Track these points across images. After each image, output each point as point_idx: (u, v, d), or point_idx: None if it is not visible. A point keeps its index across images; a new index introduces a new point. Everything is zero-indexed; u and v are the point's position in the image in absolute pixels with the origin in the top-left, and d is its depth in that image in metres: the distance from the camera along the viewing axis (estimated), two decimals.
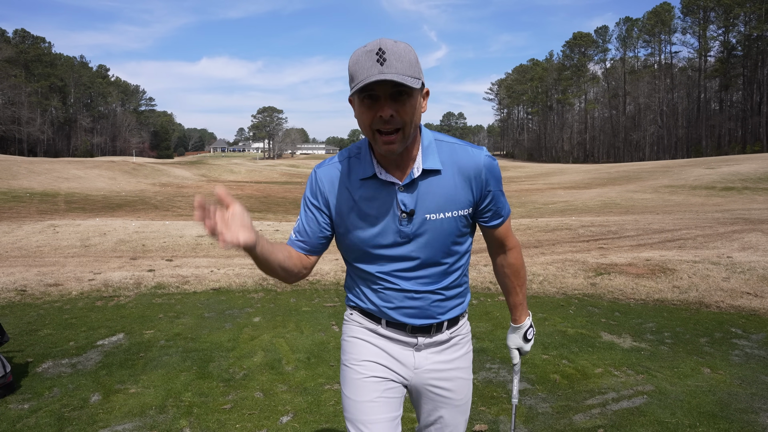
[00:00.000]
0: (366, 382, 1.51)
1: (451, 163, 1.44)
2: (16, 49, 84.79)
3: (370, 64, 1.25)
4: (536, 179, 44.07)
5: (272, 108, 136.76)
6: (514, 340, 1.79)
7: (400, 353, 1.55)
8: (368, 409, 1.49)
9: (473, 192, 1.46)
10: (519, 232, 11.38)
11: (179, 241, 10.30)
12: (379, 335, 1.56)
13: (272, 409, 3.08)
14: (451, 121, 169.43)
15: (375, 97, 1.29)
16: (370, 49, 1.27)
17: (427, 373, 1.57)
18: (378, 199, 1.43)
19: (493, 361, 3.84)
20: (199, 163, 63.36)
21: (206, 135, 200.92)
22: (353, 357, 1.56)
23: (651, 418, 2.92)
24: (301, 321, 4.85)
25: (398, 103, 1.29)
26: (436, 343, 1.57)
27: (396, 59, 1.26)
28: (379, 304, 1.51)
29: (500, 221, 1.57)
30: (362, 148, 1.47)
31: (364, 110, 1.32)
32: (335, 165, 1.49)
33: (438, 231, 1.44)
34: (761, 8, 68.79)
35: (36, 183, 29.04)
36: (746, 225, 10.95)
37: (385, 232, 1.43)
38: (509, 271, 1.67)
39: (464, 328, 1.65)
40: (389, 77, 1.23)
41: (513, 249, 1.65)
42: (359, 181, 1.44)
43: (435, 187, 1.42)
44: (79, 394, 3.29)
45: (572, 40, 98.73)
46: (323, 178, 1.48)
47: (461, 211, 1.45)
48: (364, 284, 1.53)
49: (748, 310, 5.13)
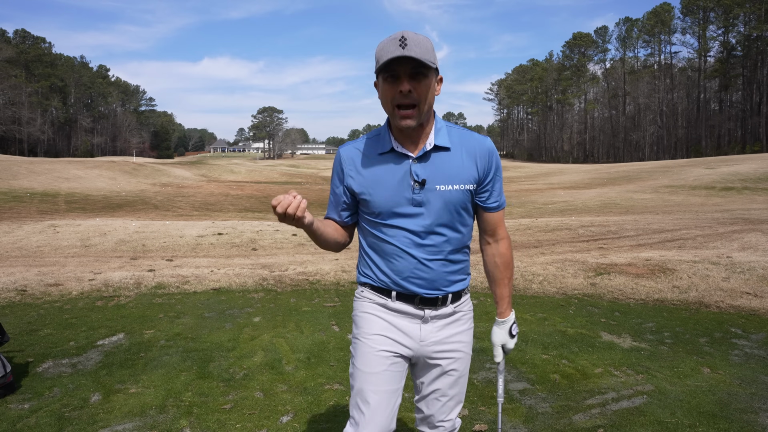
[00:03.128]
0: (375, 356, 1.66)
1: (460, 144, 1.65)
2: (17, 50, 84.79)
3: (394, 48, 1.47)
4: (536, 179, 44.06)
5: (272, 108, 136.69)
6: (499, 336, 1.83)
7: (407, 326, 1.69)
8: (374, 380, 1.65)
9: (478, 170, 1.65)
10: (519, 232, 11.38)
11: (179, 241, 10.31)
12: (389, 309, 1.69)
13: (272, 409, 3.09)
14: (451, 121, 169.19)
15: (396, 76, 1.51)
16: (394, 36, 1.49)
17: (431, 345, 1.70)
18: (394, 169, 1.62)
19: (493, 361, 3.84)
20: (200, 163, 63.36)
21: (206, 135, 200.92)
22: (364, 331, 1.70)
23: (651, 418, 2.92)
24: (301, 321, 4.86)
25: (416, 81, 1.51)
26: (441, 316, 1.70)
27: (416, 45, 1.47)
28: (391, 275, 1.67)
29: (497, 205, 1.73)
30: (381, 130, 1.68)
31: (387, 87, 1.54)
32: (356, 144, 1.71)
33: (446, 200, 1.61)
34: (761, 8, 68.77)
35: (36, 183, 29.03)
36: (746, 225, 10.95)
37: (400, 199, 1.61)
38: (500, 261, 1.78)
39: (467, 305, 1.79)
40: (409, 54, 1.45)
41: (505, 239, 1.79)
42: (378, 155, 1.64)
43: (445, 161, 1.62)
44: (79, 394, 3.29)
45: (572, 41, 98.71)
46: (345, 156, 1.69)
47: (467, 185, 1.63)
48: (378, 256, 1.69)
49: (748, 310, 5.14)
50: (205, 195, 30.47)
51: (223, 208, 23.33)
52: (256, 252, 9.33)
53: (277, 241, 10.55)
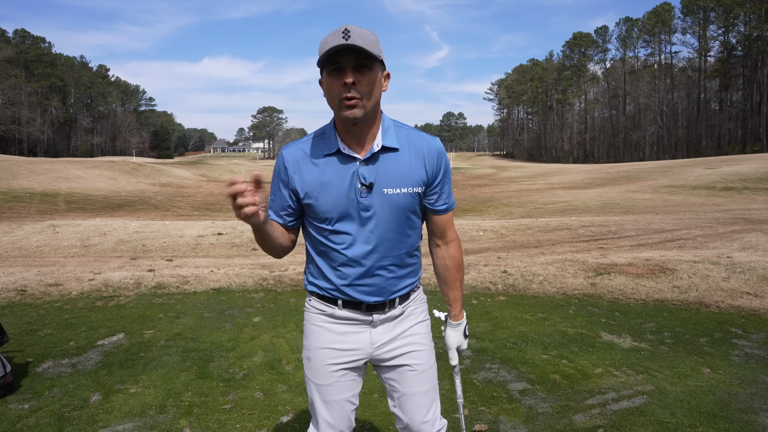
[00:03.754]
0: (323, 369, 1.66)
1: (408, 144, 1.59)
2: (16, 49, 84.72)
3: (337, 39, 1.40)
4: (536, 179, 44.06)
5: (272, 108, 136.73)
6: (454, 338, 1.82)
7: (356, 334, 1.66)
8: (324, 391, 1.67)
9: (426, 171, 1.59)
10: (519, 232, 11.38)
11: (179, 241, 10.31)
12: (336, 318, 1.66)
13: (272, 409, 3.08)
14: (451, 121, 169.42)
15: (340, 68, 1.44)
16: (337, 30, 1.43)
17: (384, 346, 1.67)
18: (340, 172, 1.55)
19: (493, 360, 3.84)
20: (199, 163, 63.37)
21: (206, 135, 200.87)
22: (313, 344, 1.69)
23: (651, 418, 2.92)
24: (301, 321, 4.85)
25: (360, 73, 1.45)
26: (390, 318, 1.67)
27: (359, 37, 1.41)
28: (336, 282, 1.61)
29: (445, 207, 1.68)
30: (326, 129, 1.60)
31: (331, 80, 1.47)
32: (300, 145, 1.62)
33: (394, 205, 1.56)
34: (761, 8, 68.73)
35: (36, 183, 29.04)
36: (746, 225, 10.95)
37: (346, 203, 1.54)
38: (450, 263, 1.75)
39: (417, 300, 1.75)
40: (353, 43, 1.38)
41: (454, 241, 1.75)
42: (323, 156, 1.56)
43: (392, 163, 1.56)
44: (79, 394, 3.29)
45: (572, 40, 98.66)
46: (288, 159, 1.60)
47: (415, 188, 1.58)
48: (323, 262, 1.63)
49: (748, 310, 5.14)
50: (205, 195, 30.49)
51: (223, 208, 23.33)
52: (256, 252, 9.33)
53: None
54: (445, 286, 1.78)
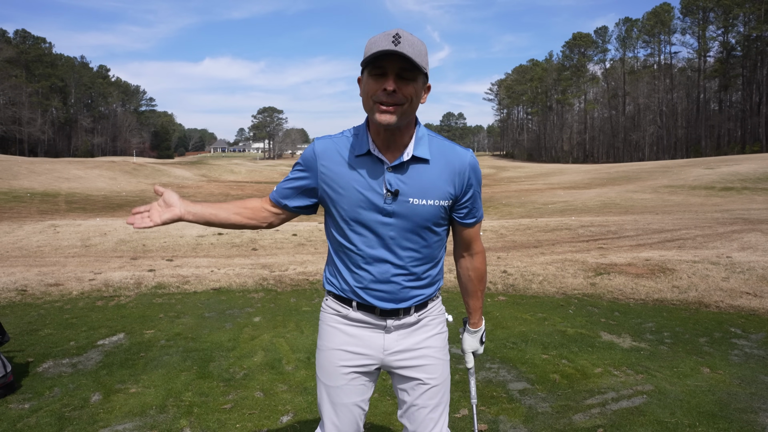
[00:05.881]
0: (335, 371, 1.65)
1: (440, 157, 1.55)
2: (17, 50, 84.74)
3: (386, 43, 1.37)
4: (536, 179, 44.06)
5: (272, 108, 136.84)
6: (471, 344, 1.85)
7: (370, 337, 1.64)
8: (335, 393, 1.66)
9: (455, 186, 1.56)
10: (519, 232, 11.38)
11: (179, 241, 10.31)
12: (350, 320, 1.65)
13: (272, 409, 3.09)
14: (451, 121, 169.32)
15: (383, 73, 1.41)
16: (388, 32, 1.40)
17: (397, 354, 1.65)
18: (367, 174, 1.53)
19: (493, 360, 3.85)
20: (200, 163, 63.35)
21: (206, 135, 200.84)
22: (326, 344, 1.68)
23: (650, 418, 2.93)
24: (301, 321, 4.86)
25: (403, 82, 1.41)
26: (405, 325, 1.64)
27: (409, 45, 1.38)
28: (352, 284, 1.60)
29: (473, 221, 1.66)
30: (360, 129, 1.59)
31: (371, 82, 1.44)
32: (333, 139, 1.60)
33: (418, 215, 1.53)
34: (760, 8, 68.74)
35: (37, 183, 29.04)
36: (745, 225, 10.96)
37: (368, 205, 1.53)
38: (474, 275, 1.74)
39: (435, 310, 1.71)
40: (401, 51, 1.35)
41: (479, 253, 1.73)
42: (354, 157, 1.55)
43: (422, 174, 1.53)
44: (79, 393, 3.30)
45: (572, 41, 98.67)
46: (319, 150, 1.59)
47: (442, 201, 1.55)
48: (341, 263, 1.62)
49: (748, 310, 5.14)
50: (206, 195, 30.49)
51: None
52: (257, 252, 9.34)
53: (277, 241, 10.56)
54: (467, 295, 1.79)
